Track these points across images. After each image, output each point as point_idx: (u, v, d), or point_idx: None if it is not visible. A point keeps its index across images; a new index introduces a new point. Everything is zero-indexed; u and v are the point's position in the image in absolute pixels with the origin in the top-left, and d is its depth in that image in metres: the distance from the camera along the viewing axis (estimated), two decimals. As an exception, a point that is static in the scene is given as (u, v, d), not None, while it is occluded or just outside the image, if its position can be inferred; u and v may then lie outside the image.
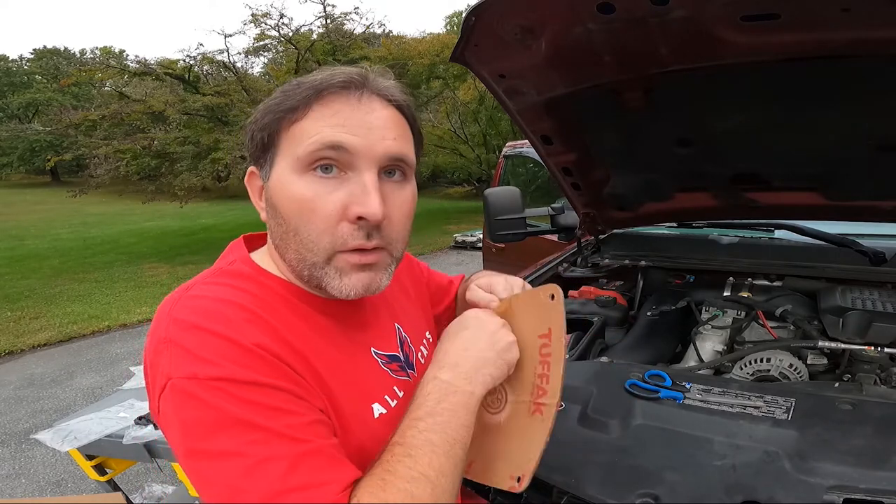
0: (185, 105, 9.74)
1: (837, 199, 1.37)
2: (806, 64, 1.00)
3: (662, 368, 1.07)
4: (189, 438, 0.49)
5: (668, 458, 0.82)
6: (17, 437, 3.20)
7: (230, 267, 0.63)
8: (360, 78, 0.60)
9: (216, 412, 0.49)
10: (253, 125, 0.62)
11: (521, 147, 3.94)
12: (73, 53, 32.63)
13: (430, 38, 13.98)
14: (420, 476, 0.53)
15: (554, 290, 0.66)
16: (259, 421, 0.49)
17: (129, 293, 6.80)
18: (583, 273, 1.74)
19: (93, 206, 16.88)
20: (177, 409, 0.50)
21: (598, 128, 1.41)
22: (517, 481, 0.65)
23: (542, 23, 1.05)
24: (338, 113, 0.57)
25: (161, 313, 0.56)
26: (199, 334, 0.52)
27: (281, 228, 0.60)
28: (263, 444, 0.48)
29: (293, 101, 0.58)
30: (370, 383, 0.64)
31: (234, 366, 0.50)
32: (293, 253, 0.60)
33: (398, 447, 0.55)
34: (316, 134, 0.57)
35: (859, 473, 0.72)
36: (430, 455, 0.54)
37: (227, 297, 0.56)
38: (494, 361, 0.64)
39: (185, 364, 0.50)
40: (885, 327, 1.10)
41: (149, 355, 0.54)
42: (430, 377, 0.62)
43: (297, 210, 0.58)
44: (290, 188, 0.58)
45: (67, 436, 1.56)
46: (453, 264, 7.94)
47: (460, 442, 0.58)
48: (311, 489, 0.48)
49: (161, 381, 0.51)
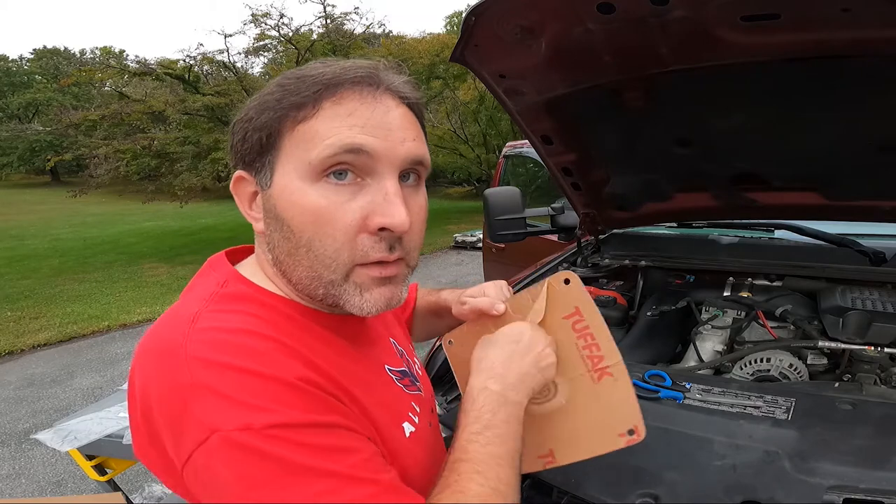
0: (185, 105, 9.74)
1: (837, 199, 1.37)
2: (806, 64, 1.00)
3: (662, 368, 1.07)
4: (251, 496, 0.43)
5: (668, 458, 0.82)
6: (17, 437, 3.20)
7: (226, 290, 0.56)
8: (374, 72, 0.54)
9: (280, 464, 0.43)
10: (245, 124, 0.54)
11: (521, 147, 3.94)
12: (73, 53, 32.65)
13: (430, 38, 13.98)
14: (492, 492, 0.51)
15: (569, 275, 0.68)
16: (326, 466, 0.45)
17: (129, 293, 6.80)
18: (583, 273, 1.73)
19: (93, 206, 16.87)
20: (233, 467, 0.44)
21: (598, 128, 1.41)
22: (630, 434, 0.65)
23: (542, 23, 1.05)
24: (354, 112, 0.51)
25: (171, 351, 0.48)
26: (236, 376, 0.46)
27: (289, 243, 0.53)
28: (335, 492, 0.44)
29: (298, 97, 0.51)
30: (396, 402, 0.62)
31: (285, 408, 0.45)
32: (305, 270, 0.54)
33: (463, 464, 0.52)
34: (332, 136, 0.50)
35: (859, 473, 0.72)
36: (496, 468, 0.53)
37: (243, 326, 0.50)
38: (536, 377, 0.63)
39: (231, 413, 0.44)
40: (885, 327, 1.10)
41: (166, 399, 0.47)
42: (479, 388, 0.60)
43: (311, 222, 0.51)
44: (300, 198, 0.51)
45: (67, 436, 1.56)
46: (453, 264, 7.94)
47: (518, 452, 0.57)
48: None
49: (199, 434, 0.44)
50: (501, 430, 0.56)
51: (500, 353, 0.63)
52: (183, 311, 0.53)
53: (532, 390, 0.62)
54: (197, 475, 0.46)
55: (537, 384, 0.63)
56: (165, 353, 0.49)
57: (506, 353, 0.63)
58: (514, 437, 0.57)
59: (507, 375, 0.60)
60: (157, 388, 0.48)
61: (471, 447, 0.54)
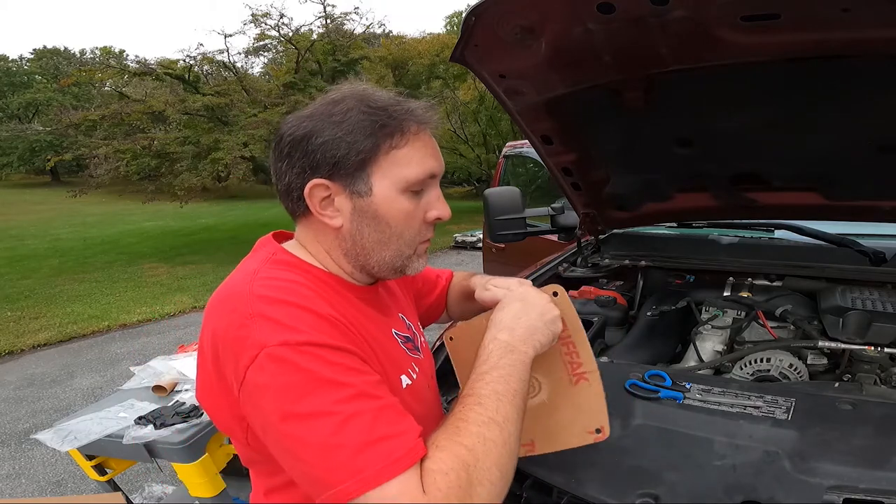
0: (185, 105, 9.74)
1: (837, 199, 1.37)
2: (806, 64, 1.00)
3: (662, 368, 1.07)
4: (283, 401, 0.56)
5: (668, 458, 0.82)
6: (17, 437, 3.20)
7: (276, 258, 0.72)
8: (431, 112, 0.73)
9: (307, 374, 0.56)
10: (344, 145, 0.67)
11: (521, 147, 3.94)
12: (73, 53, 32.66)
13: (430, 38, 13.99)
14: (490, 420, 0.60)
15: (556, 289, 0.78)
16: (344, 379, 0.57)
17: (129, 293, 6.80)
18: (583, 273, 1.73)
19: (93, 206, 16.88)
20: (273, 375, 0.56)
21: (598, 128, 1.41)
22: (598, 432, 0.75)
23: (542, 23, 1.05)
24: (426, 145, 0.72)
25: (237, 294, 0.63)
26: (285, 307, 0.61)
27: (382, 234, 0.71)
28: (349, 401, 0.56)
29: (390, 128, 0.68)
30: (398, 357, 0.76)
31: (316, 332, 0.59)
32: (393, 251, 0.73)
33: (469, 398, 0.63)
34: (419, 163, 0.70)
35: (859, 473, 0.72)
36: (496, 402, 0.62)
37: (292, 278, 0.67)
38: (542, 330, 0.72)
39: (277, 332, 0.58)
40: (885, 327, 1.10)
41: (230, 331, 0.60)
42: (490, 339, 0.71)
43: (404, 219, 0.71)
44: (398, 204, 0.70)
45: (67, 436, 1.56)
46: (453, 264, 7.94)
47: (521, 393, 0.66)
48: (392, 439, 0.56)
49: (252, 351, 0.57)
50: (505, 371, 0.66)
51: (508, 311, 0.74)
52: (245, 270, 0.69)
53: (539, 342, 0.71)
54: (249, 391, 0.58)
55: (544, 337, 0.72)
56: (233, 295, 0.64)
57: (514, 310, 0.74)
58: (517, 379, 0.66)
59: (516, 329, 0.71)
60: (225, 322, 0.62)
61: (476, 384, 0.65)
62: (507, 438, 0.60)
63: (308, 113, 0.71)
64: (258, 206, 18.31)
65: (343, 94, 0.71)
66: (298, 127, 0.69)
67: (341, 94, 0.71)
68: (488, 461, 0.57)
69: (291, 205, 0.73)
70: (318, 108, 0.70)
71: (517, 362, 0.68)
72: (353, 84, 0.74)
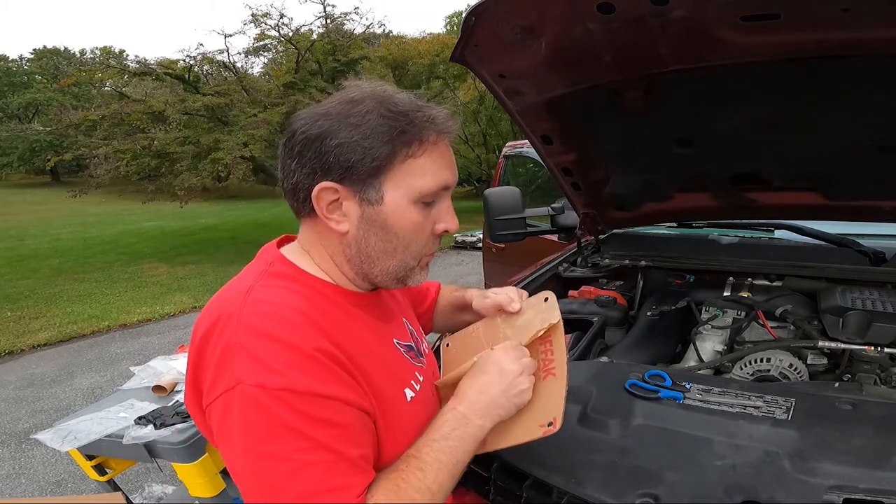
0: (185, 105, 9.72)
1: (837, 199, 1.37)
2: (806, 64, 1.00)
3: (662, 368, 1.07)
4: (248, 438, 0.57)
5: (668, 458, 0.82)
6: (17, 437, 3.20)
7: (272, 269, 0.71)
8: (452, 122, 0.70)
9: (275, 420, 0.57)
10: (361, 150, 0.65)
11: (521, 147, 3.94)
12: (73, 53, 32.65)
13: (430, 38, 13.99)
14: (426, 489, 0.63)
15: (548, 294, 0.83)
16: (309, 432, 0.58)
17: (129, 293, 6.80)
18: (583, 273, 1.73)
19: (93, 206, 16.88)
20: (242, 412, 0.57)
21: (598, 128, 1.41)
22: (549, 425, 0.73)
23: (542, 23, 1.05)
24: (443, 156, 0.70)
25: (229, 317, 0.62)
26: (269, 344, 0.59)
27: (388, 244, 0.70)
28: (308, 451, 0.57)
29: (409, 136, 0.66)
30: (401, 370, 0.75)
31: (297, 374, 0.58)
32: (398, 261, 0.71)
33: (413, 459, 0.65)
34: (434, 175, 0.68)
35: (859, 473, 0.72)
36: (437, 472, 0.65)
37: (285, 300, 0.65)
38: (505, 405, 0.73)
39: (255, 372, 0.58)
40: (885, 327, 1.10)
41: (215, 354, 0.61)
42: (450, 407, 0.72)
43: (412, 230, 0.70)
44: (409, 214, 0.68)
45: (67, 436, 1.56)
46: (453, 264, 7.94)
47: (462, 464, 0.68)
48: (337, 491, 0.58)
49: (229, 381, 0.58)
50: (453, 444, 0.68)
51: (476, 381, 0.75)
52: (240, 284, 0.68)
53: (499, 416, 0.73)
54: (216, 414, 0.60)
55: (505, 411, 0.74)
56: (223, 316, 0.63)
57: (481, 382, 0.74)
58: (463, 451, 0.68)
59: (476, 403, 0.72)
60: (213, 341, 0.62)
61: (424, 449, 0.67)
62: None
63: (324, 111, 0.67)
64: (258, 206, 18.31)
65: (363, 93, 0.67)
66: (312, 125, 0.66)
67: (361, 94, 0.67)
68: None
69: (297, 204, 0.71)
70: (336, 106, 0.67)
71: (467, 436, 0.69)
72: (373, 83, 0.70)
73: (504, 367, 0.75)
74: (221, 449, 0.61)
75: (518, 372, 0.75)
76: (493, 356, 0.77)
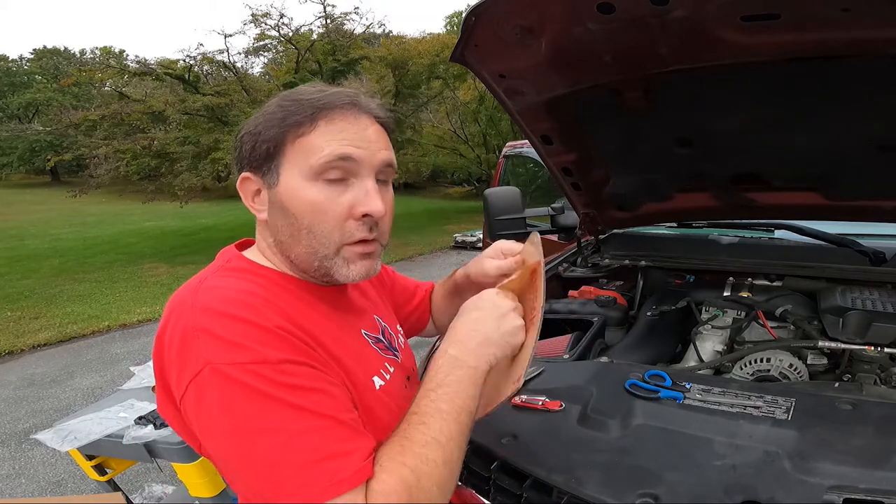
0: (185, 105, 9.73)
1: (837, 199, 1.37)
2: (806, 64, 1.00)
3: (662, 368, 1.07)
4: (230, 418, 0.55)
5: (668, 458, 0.82)
6: (17, 437, 3.20)
7: (229, 264, 0.71)
8: (356, 98, 0.70)
9: (254, 392, 0.54)
10: (254, 136, 0.68)
11: (521, 147, 3.94)
12: (73, 53, 32.62)
13: (430, 38, 13.98)
14: (432, 440, 0.59)
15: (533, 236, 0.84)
16: (293, 400, 0.55)
17: (129, 293, 6.80)
18: (583, 273, 1.73)
19: (93, 206, 16.87)
20: (219, 393, 0.55)
21: (598, 128, 1.41)
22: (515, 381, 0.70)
23: (542, 23, 1.05)
24: (343, 130, 0.67)
25: (181, 305, 0.61)
26: (229, 321, 0.57)
27: (292, 227, 0.67)
28: (298, 419, 0.55)
29: (297, 116, 0.66)
30: (368, 359, 0.73)
31: (263, 347, 0.56)
32: (304, 247, 0.68)
33: (414, 416, 0.62)
34: (326, 147, 0.65)
35: (859, 473, 0.72)
36: (440, 422, 0.61)
37: (240, 286, 0.64)
38: (498, 342, 0.69)
39: (222, 350, 0.56)
40: (885, 327, 1.10)
41: (173, 344, 0.59)
42: (441, 352, 0.68)
43: (311, 211, 0.66)
44: (303, 193, 0.66)
45: (67, 436, 1.56)
46: (453, 264, 7.92)
47: (466, 410, 0.64)
48: (338, 458, 0.54)
49: (196, 366, 0.56)
50: (451, 389, 0.64)
51: (464, 321, 0.71)
52: (193, 280, 0.67)
53: (493, 356, 0.68)
54: (190, 404, 0.57)
55: (499, 350, 0.69)
56: (177, 307, 0.62)
57: (469, 320, 0.71)
58: (463, 396, 0.64)
59: (467, 342, 0.68)
60: (169, 335, 0.60)
61: (422, 402, 0.63)
62: (448, 457, 0.59)
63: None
64: (258, 206, 18.25)
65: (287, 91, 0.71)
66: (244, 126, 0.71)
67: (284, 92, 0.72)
68: (430, 482, 0.57)
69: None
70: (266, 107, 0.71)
71: (465, 378, 0.65)
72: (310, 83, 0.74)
73: (497, 302, 0.72)
74: (203, 438, 0.59)
75: (511, 307, 0.72)
76: (485, 293, 0.74)
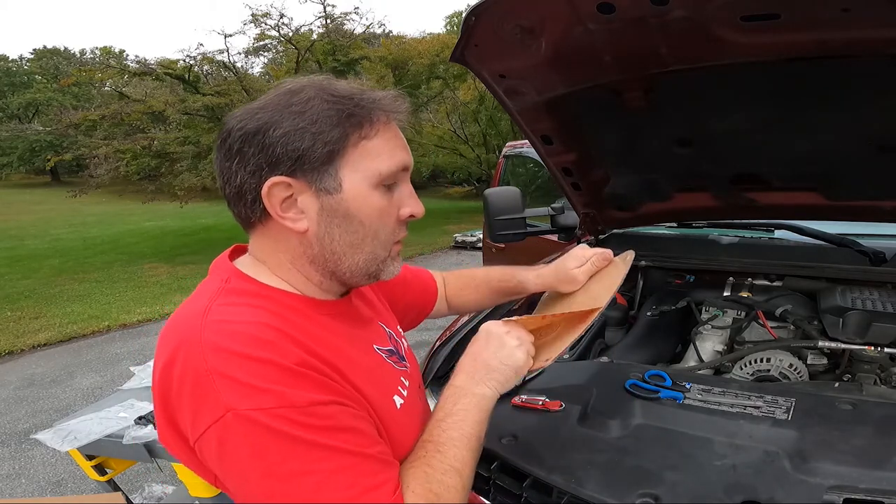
0: (185, 105, 9.74)
1: (837, 199, 1.37)
2: (806, 64, 1.00)
3: (662, 368, 1.07)
4: (262, 464, 0.53)
5: (668, 458, 0.82)
6: (17, 437, 3.20)
7: (229, 286, 0.64)
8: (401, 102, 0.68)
9: (285, 439, 0.53)
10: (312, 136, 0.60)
11: (521, 147, 3.94)
12: (73, 53, 32.63)
13: (430, 38, 13.99)
14: (451, 469, 0.62)
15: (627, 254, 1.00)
16: (323, 441, 0.55)
17: (129, 293, 6.79)
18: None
19: (93, 206, 16.87)
20: (247, 439, 0.53)
21: (598, 128, 1.41)
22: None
23: (542, 23, 1.05)
24: (396, 136, 0.66)
25: (188, 342, 0.57)
26: (245, 363, 0.54)
27: (355, 235, 0.65)
28: (329, 460, 0.55)
29: (359, 118, 0.62)
30: (386, 378, 0.72)
31: (288, 389, 0.54)
32: (367, 254, 0.67)
33: (429, 444, 0.65)
34: (391, 155, 0.65)
35: (859, 473, 0.72)
36: (454, 449, 0.64)
37: (249, 317, 0.59)
38: (498, 368, 0.72)
39: (243, 396, 0.53)
40: (885, 327, 1.10)
41: (185, 384, 0.55)
42: (449, 384, 0.72)
43: (378, 217, 0.65)
44: (371, 199, 0.64)
45: (67, 436, 1.56)
46: (453, 264, 7.94)
47: (476, 436, 0.67)
48: (372, 491, 0.56)
49: (215, 411, 0.53)
50: (459, 418, 0.67)
51: (468, 351, 0.75)
52: (195, 306, 0.62)
53: (497, 381, 0.72)
54: (211, 448, 0.55)
55: (502, 375, 0.72)
56: (183, 343, 0.57)
57: (470, 352, 0.75)
58: (470, 422, 0.67)
59: (471, 371, 0.72)
60: (177, 373, 0.56)
61: (434, 431, 0.66)
62: (465, 483, 0.63)
63: (260, 105, 0.62)
64: (258, 206, 18.23)
65: (302, 84, 0.63)
66: (250, 120, 0.61)
67: (300, 85, 0.63)
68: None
69: (245, 210, 0.64)
70: (273, 99, 0.62)
71: (471, 406, 0.69)
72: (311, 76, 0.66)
73: (491, 331, 0.75)
74: (229, 481, 0.57)
75: (505, 331, 0.75)
76: (482, 325, 0.78)
